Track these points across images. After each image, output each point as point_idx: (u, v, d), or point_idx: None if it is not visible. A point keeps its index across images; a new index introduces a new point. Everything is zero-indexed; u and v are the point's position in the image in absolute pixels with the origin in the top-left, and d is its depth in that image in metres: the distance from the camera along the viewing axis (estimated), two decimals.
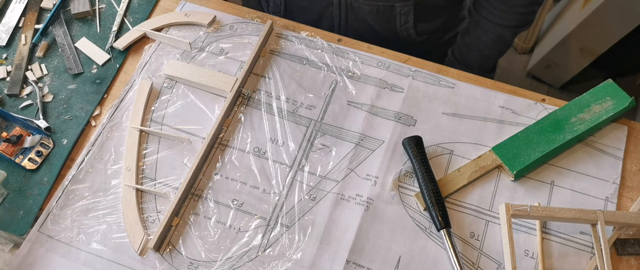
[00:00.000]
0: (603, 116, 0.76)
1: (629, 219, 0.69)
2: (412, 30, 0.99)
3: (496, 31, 0.97)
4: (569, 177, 0.75)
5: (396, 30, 0.99)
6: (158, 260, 0.70)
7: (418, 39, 1.02)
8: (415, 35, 1.00)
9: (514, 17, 0.95)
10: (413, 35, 1.00)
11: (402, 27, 0.98)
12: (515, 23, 0.96)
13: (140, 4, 0.92)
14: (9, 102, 0.83)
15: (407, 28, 0.98)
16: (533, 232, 0.71)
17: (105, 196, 0.74)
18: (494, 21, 0.96)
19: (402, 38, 1.01)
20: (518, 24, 0.96)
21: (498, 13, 0.95)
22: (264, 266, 0.70)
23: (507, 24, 0.96)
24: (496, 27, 0.97)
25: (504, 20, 0.95)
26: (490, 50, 1.01)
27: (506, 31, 0.97)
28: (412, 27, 0.98)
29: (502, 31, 0.97)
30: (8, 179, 0.76)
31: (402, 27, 0.98)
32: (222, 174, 0.76)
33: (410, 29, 0.98)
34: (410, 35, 1.00)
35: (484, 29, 0.98)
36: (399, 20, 0.97)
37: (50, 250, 0.71)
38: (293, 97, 0.82)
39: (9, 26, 0.89)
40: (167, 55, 0.86)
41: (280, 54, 0.86)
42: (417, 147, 0.74)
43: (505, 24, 0.96)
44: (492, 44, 0.99)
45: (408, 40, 1.01)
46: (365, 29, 0.99)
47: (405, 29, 0.98)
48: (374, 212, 0.73)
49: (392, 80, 0.83)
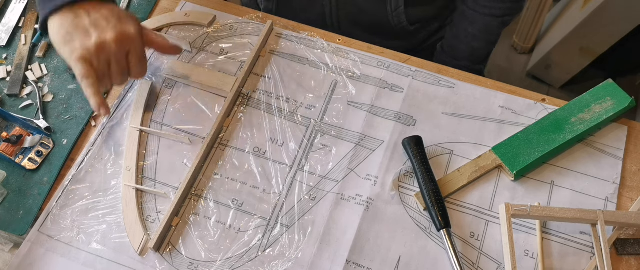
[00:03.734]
0: (603, 116, 0.76)
1: (629, 219, 0.69)
2: (403, 17, 0.97)
3: (483, 21, 0.96)
4: (569, 177, 0.75)
5: (387, 15, 0.98)
6: (158, 260, 0.70)
7: (410, 28, 1.01)
8: (407, 23, 0.99)
9: (499, 5, 0.93)
10: (405, 22, 0.98)
11: (393, 13, 0.97)
12: (501, 12, 0.94)
13: (140, 4, 0.92)
14: (9, 102, 0.83)
15: (398, 13, 0.97)
16: (533, 232, 0.71)
17: (105, 196, 0.74)
18: (479, 11, 0.94)
19: (394, 25, 0.99)
20: (504, 13, 0.94)
21: (483, 2, 0.93)
22: (264, 266, 0.70)
23: (493, 14, 0.94)
24: (483, 17, 0.95)
25: (490, 9, 0.94)
26: (479, 41, 0.99)
27: (493, 21, 0.95)
28: (403, 13, 0.96)
29: (489, 21, 0.95)
30: (8, 179, 0.76)
31: (394, 13, 0.96)
32: (222, 174, 0.76)
33: (401, 15, 0.97)
34: (402, 22, 0.98)
35: (470, 19, 0.96)
36: (389, 5, 0.96)
37: (50, 250, 0.71)
38: (293, 97, 0.82)
39: (9, 26, 0.89)
40: (167, 55, 0.86)
41: (280, 54, 0.86)
42: (417, 147, 0.74)
43: (491, 13, 0.94)
44: (480, 34, 0.98)
45: (400, 28, 1.00)
46: (357, 14, 0.98)
47: (396, 15, 0.97)
48: (374, 212, 0.73)
49: (392, 80, 0.83)
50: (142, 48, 0.68)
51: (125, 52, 0.66)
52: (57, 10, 0.64)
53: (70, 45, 0.64)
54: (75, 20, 0.64)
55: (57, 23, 0.65)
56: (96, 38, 0.64)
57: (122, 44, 0.65)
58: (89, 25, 0.64)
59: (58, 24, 0.65)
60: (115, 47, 0.65)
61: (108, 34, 0.64)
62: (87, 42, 0.64)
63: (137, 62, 0.68)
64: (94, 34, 0.64)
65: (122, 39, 0.65)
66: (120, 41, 0.65)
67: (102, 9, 0.66)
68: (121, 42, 0.65)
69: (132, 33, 0.66)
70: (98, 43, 0.64)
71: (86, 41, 0.64)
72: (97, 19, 0.65)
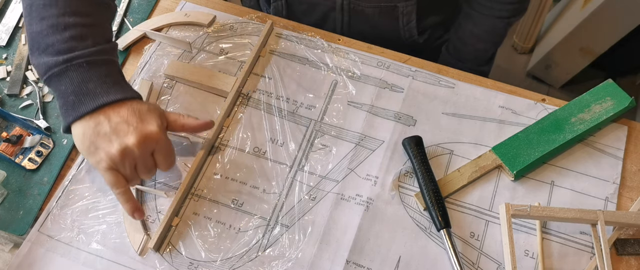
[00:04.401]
0: (603, 116, 0.76)
1: (629, 219, 0.69)
2: (414, 30, 0.98)
3: (488, 23, 0.96)
4: (569, 177, 0.75)
5: (399, 30, 0.98)
6: (158, 260, 0.70)
7: (420, 40, 1.01)
8: (417, 35, 1.00)
9: (505, 7, 0.93)
10: (415, 35, 0.99)
11: (404, 27, 0.98)
12: (507, 13, 0.94)
13: (140, 4, 0.92)
14: (9, 102, 0.83)
15: (409, 28, 0.98)
16: (533, 232, 0.71)
17: (105, 196, 0.74)
18: (484, 13, 0.95)
19: (403, 39, 1.00)
20: (510, 15, 0.94)
21: (488, 4, 0.93)
22: (264, 266, 0.70)
23: (498, 15, 0.94)
24: (487, 18, 0.95)
25: (494, 10, 0.94)
26: (484, 43, 0.99)
27: (498, 22, 0.95)
28: (414, 27, 0.97)
29: (494, 22, 0.95)
30: (8, 179, 0.76)
31: (405, 27, 0.98)
32: (222, 174, 0.76)
33: (413, 29, 0.98)
34: (413, 35, 0.99)
35: (475, 21, 0.96)
36: (401, 20, 0.96)
37: (50, 250, 0.71)
38: (293, 97, 0.82)
39: (9, 26, 0.90)
40: (167, 55, 0.86)
41: (280, 54, 0.86)
42: (417, 147, 0.74)
43: (496, 15, 0.94)
44: (485, 36, 0.98)
45: (410, 41, 1.01)
46: (368, 31, 0.99)
47: (408, 29, 0.98)
48: (374, 212, 0.73)
49: (392, 80, 0.83)
50: (167, 143, 0.68)
51: (150, 151, 0.66)
52: (78, 119, 0.65)
53: (96, 156, 0.65)
54: (97, 127, 0.64)
55: (80, 131, 0.65)
56: (118, 145, 0.64)
57: (145, 145, 0.65)
58: (110, 132, 0.64)
59: (81, 132, 0.65)
60: (138, 151, 0.64)
61: (129, 139, 0.64)
62: (111, 151, 0.64)
63: (163, 158, 0.68)
64: (116, 142, 0.64)
65: (145, 140, 0.65)
66: (143, 143, 0.64)
67: (121, 110, 0.65)
68: (144, 144, 0.65)
69: (154, 132, 0.65)
70: (121, 150, 0.64)
71: (110, 150, 0.64)
72: (118, 124, 0.64)
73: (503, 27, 0.97)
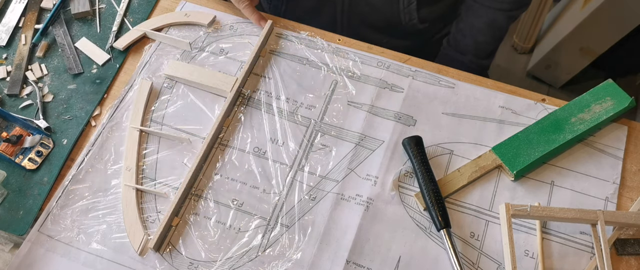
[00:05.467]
0: (603, 116, 0.76)
1: (629, 219, 0.69)
2: (414, 13, 0.97)
3: (489, 15, 0.95)
4: (569, 177, 0.75)
5: (399, 13, 0.98)
6: (158, 260, 0.70)
7: (420, 26, 1.01)
8: (417, 21, 0.99)
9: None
10: (415, 20, 0.99)
11: (405, 10, 0.97)
12: (508, 6, 0.94)
13: (140, 4, 0.92)
14: (9, 102, 0.83)
15: (409, 10, 0.97)
16: (533, 232, 0.71)
17: (105, 196, 0.74)
18: (486, 5, 0.94)
19: (404, 23, 1.00)
20: (511, 7, 0.94)
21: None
22: (264, 266, 0.70)
23: (499, 7, 0.94)
24: (488, 10, 0.95)
25: (496, 3, 0.94)
26: (485, 36, 0.99)
27: (500, 15, 0.95)
28: (415, 10, 0.97)
29: (495, 15, 0.95)
30: (8, 179, 0.76)
31: (405, 10, 0.97)
32: (222, 174, 0.76)
33: (413, 12, 0.97)
34: (413, 19, 0.98)
35: (477, 13, 0.96)
36: (402, 3, 0.96)
37: (50, 250, 0.71)
38: (293, 97, 0.82)
39: (9, 26, 0.89)
40: (167, 55, 0.86)
41: (280, 54, 0.86)
42: (417, 147, 0.74)
43: (497, 7, 0.94)
44: (486, 28, 0.98)
45: (411, 25, 1.00)
46: (368, 12, 0.98)
47: (408, 12, 0.97)
48: (374, 212, 0.73)
49: (392, 80, 0.83)
50: None
51: None
52: None
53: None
54: None
55: None
56: None
57: None
58: None
59: None
60: None
61: None
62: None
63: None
64: None
65: None
66: None
67: None
68: None
69: None
70: None
71: None
72: None
73: (504, 20, 0.96)
